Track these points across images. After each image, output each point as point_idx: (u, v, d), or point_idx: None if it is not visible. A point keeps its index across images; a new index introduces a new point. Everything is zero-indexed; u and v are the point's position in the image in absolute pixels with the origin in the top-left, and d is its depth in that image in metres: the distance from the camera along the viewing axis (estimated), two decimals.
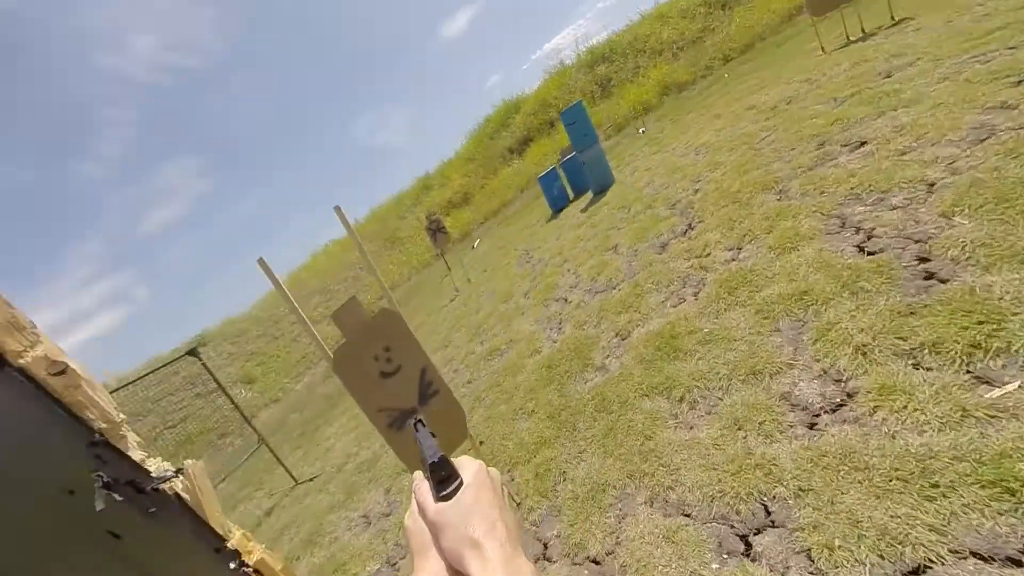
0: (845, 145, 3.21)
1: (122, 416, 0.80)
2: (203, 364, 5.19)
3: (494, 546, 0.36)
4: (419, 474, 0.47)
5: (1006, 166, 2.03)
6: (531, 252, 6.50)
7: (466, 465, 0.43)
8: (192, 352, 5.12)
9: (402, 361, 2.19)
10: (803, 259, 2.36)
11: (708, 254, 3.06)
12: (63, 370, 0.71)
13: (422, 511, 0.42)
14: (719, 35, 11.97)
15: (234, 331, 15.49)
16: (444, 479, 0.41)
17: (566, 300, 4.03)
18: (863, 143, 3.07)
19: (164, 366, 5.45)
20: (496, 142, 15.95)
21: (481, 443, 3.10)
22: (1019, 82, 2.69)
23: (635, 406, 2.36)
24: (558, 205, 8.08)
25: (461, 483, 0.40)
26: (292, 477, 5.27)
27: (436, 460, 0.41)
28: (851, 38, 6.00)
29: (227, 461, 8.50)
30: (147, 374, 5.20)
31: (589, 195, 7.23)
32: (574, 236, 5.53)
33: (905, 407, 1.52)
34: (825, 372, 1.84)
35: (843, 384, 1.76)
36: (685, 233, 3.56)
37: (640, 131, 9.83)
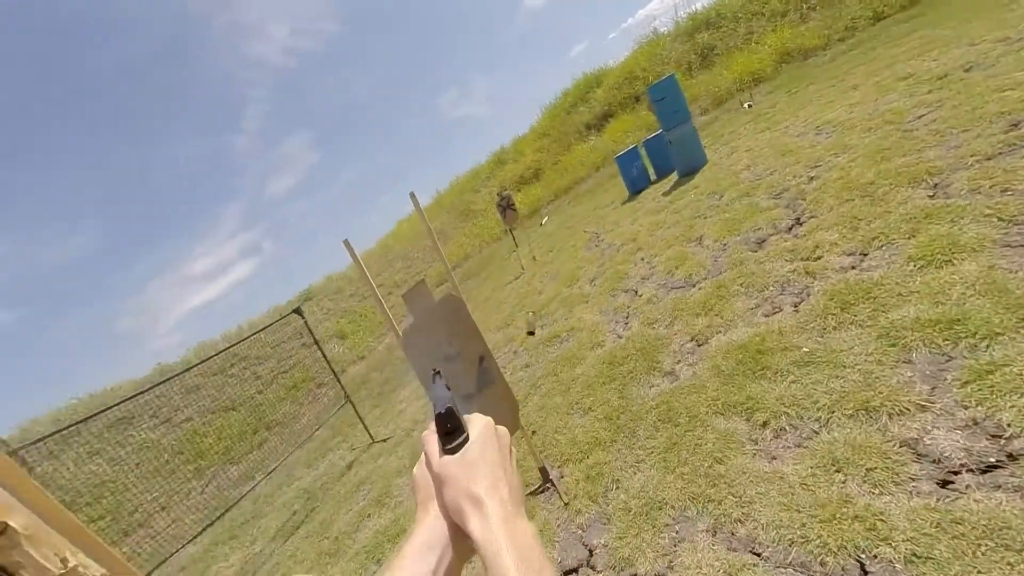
0: None
1: (73, 563, 0.67)
2: (304, 322, 5.82)
3: (495, 504, 0.36)
4: (432, 425, 0.46)
5: None
6: (601, 235, 6.12)
7: (474, 421, 0.43)
8: (297, 311, 5.76)
9: (462, 348, 2.20)
10: (960, 277, 1.82)
11: (819, 257, 2.54)
12: (2, 530, 0.61)
13: (428, 462, 0.42)
14: None
15: (333, 288, 17.25)
16: (450, 431, 0.41)
17: (636, 292, 3.70)
18: None
19: (275, 323, 6.24)
20: (573, 117, 15.20)
21: (533, 433, 3.03)
22: None
23: (706, 423, 2.08)
24: (637, 187, 7.46)
25: (467, 438, 0.40)
26: (369, 435, 5.75)
27: (443, 411, 0.41)
28: None
29: (323, 410, 9.61)
30: (260, 330, 6.05)
31: (674, 177, 6.53)
32: (651, 222, 5.05)
33: None
34: (976, 423, 1.42)
35: (1002, 441, 1.34)
36: (791, 229, 3.00)
37: (746, 106, 8.61)
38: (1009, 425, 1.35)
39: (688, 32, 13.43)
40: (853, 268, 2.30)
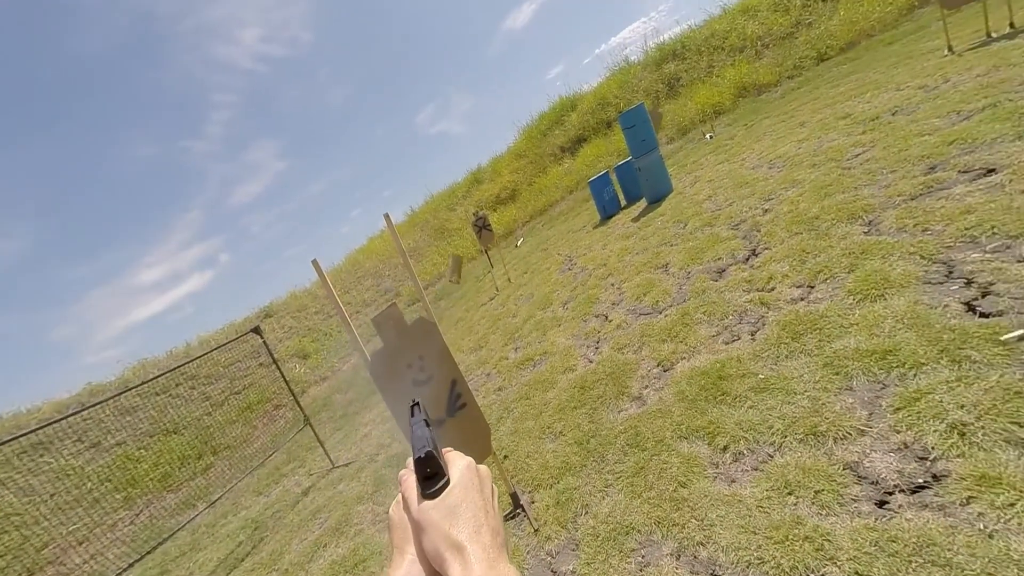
0: (965, 172, 2.70)
1: None
2: (263, 341, 5.57)
3: (477, 550, 0.35)
4: (410, 462, 0.44)
5: None
6: (574, 259, 6.28)
7: (455, 461, 0.42)
8: (256, 330, 5.51)
9: (434, 372, 2.19)
10: (891, 311, 2.02)
11: (772, 288, 2.73)
12: None
13: (406, 506, 0.41)
14: (816, 30, 10.61)
15: (296, 305, 16.64)
16: (431, 476, 0.40)
17: (606, 318, 3.82)
18: (990, 171, 2.57)
19: (231, 341, 5.94)
20: (548, 139, 15.54)
21: (505, 457, 3.03)
22: None
23: (671, 447, 2.17)
24: (608, 211, 7.71)
25: (448, 481, 0.39)
26: (330, 460, 5.53)
27: (423, 456, 0.39)
28: (993, 34, 5.06)
29: (279, 433, 9.14)
30: (214, 349, 5.70)
31: (643, 203, 6.81)
32: (621, 247, 5.25)
33: (1012, 505, 1.25)
34: (906, 446, 1.57)
35: (928, 464, 1.48)
36: (747, 260, 3.22)
37: (707, 137, 9.12)
38: (933, 448, 1.49)
39: (656, 62, 14.05)
40: (802, 300, 2.50)
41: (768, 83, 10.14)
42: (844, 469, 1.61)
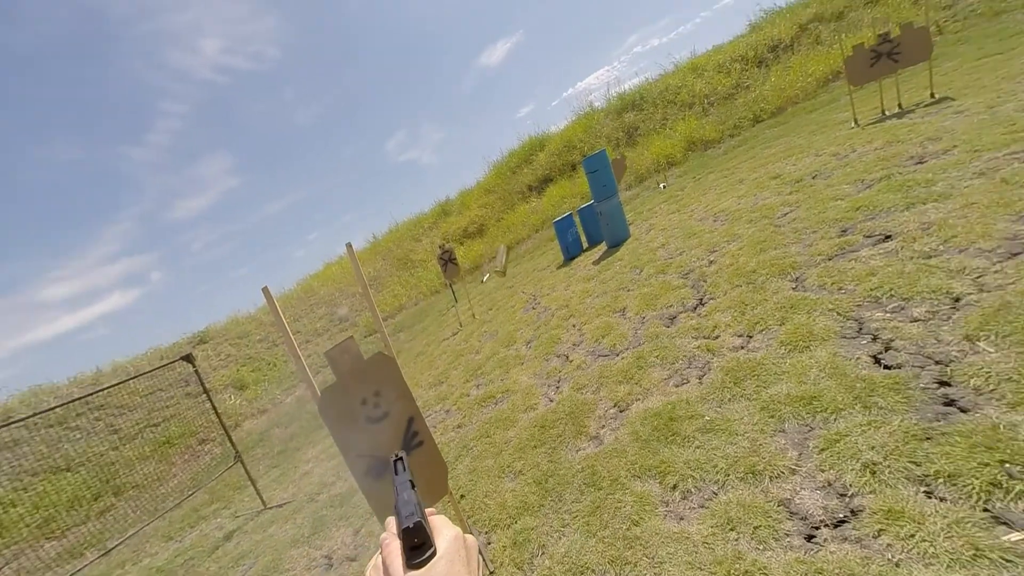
0: (869, 236, 3.13)
1: None
2: (195, 369, 5.14)
3: None
4: (391, 525, 0.43)
5: None
6: (538, 298, 6.46)
7: (442, 530, 0.41)
8: (187, 358, 5.09)
9: (390, 408, 2.14)
10: (815, 361, 2.29)
11: (717, 336, 2.99)
12: None
13: (386, 572, 0.40)
14: (752, 94, 11.56)
15: (237, 331, 15.54)
16: (417, 545, 0.39)
17: (567, 358, 3.95)
18: (888, 237, 3.00)
19: (156, 368, 5.42)
20: (517, 177, 15.97)
21: (462, 497, 2.96)
22: None
23: (625, 486, 2.25)
24: (571, 253, 8.00)
25: (434, 552, 0.39)
26: (261, 500, 5.08)
27: (411, 526, 0.39)
28: (887, 112, 5.93)
29: (202, 471, 8.26)
30: (135, 376, 5.11)
31: (603, 247, 7.17)
32: (582, 290, 5.50)
33: (913, 536, 1.43)
34: (829, 484, 1.74)
35: (847, 500, 1.66)
36: (696, 309, 3.52)
37: (661, 186, 9.74)
38: (851, 485, 1.68)
39: (617, 110, 14.81)
40: (742, 348, 2.75)
41: (713, 139, 10.96)
42: (778, 505, 1.76)
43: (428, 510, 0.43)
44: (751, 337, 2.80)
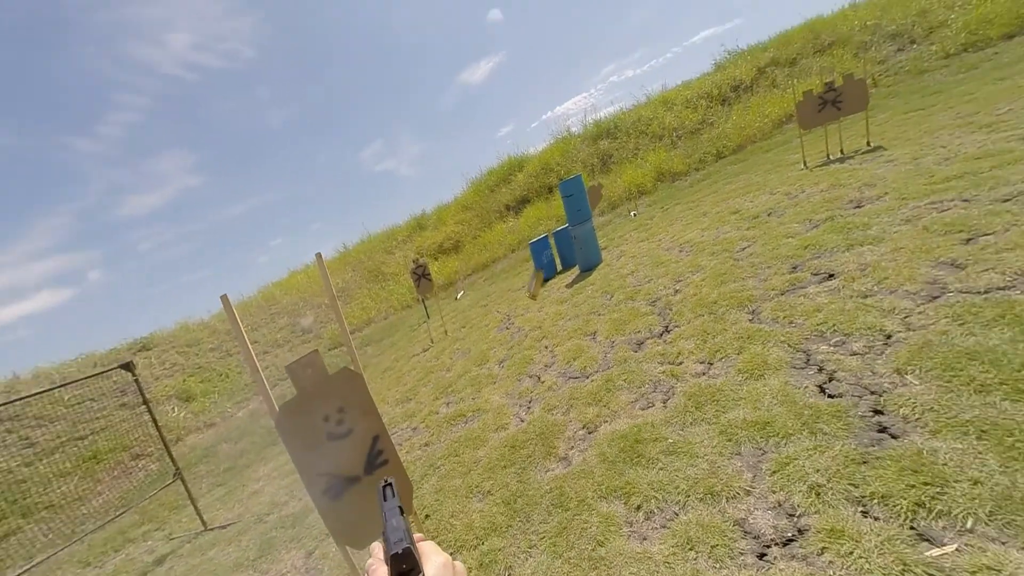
0: (815, 274, 3.39)
1: None
2: (135, 379, 4.78)
3: None
4: (376, 550, 0.44)
5: (953, 332, 2.23)
6: (512, 318, 6.52)
7: (431, 556, 0.41)
8: (126, 365, 4.73)
9: (355, 425, 2.08)
10: (768, 389, 2.47)
11: (681, 363, 3.16)
12: None
13: None
14: (716, 130, 12.06)
15: (187, 339, 14.58)
16: (405, 572, 0.39)
17: (539, 379, 4.01)
18: (831, 275, 3.27)
19: (89, 377, 5.01)
20: (495, 196, 16.08)
21: (427, 517, 2.91)
22: (968, 240, 2.92)
23: (592, 507, 2.30)
24: (546, 275, 8.06)
25: None
26: (202, 521, 4.74)
27: (400, 552, 0.39)
28: (831, 157, 6.48)
29: (135, 489, 7.58)
30: (62, 385, 4.60)
31: (576, 270, 7.34)
32: (555, 312, 5.63)
33: (851, 553, 1.56)
34: (780, 505, 1.87)
35: (795, 520, 1.78)
36: (662, 335, 3.69)
37: (632, 214, 10.06)
38: (798, 506, 1.81)
39: (593, 137, 15.21)
40: (704, 374, 2.92)
41: (681, 171, 11.41)
42: (734, 525, 1.87)
43: (416, 535, 0.43)
44: (712, 364, 2.98)
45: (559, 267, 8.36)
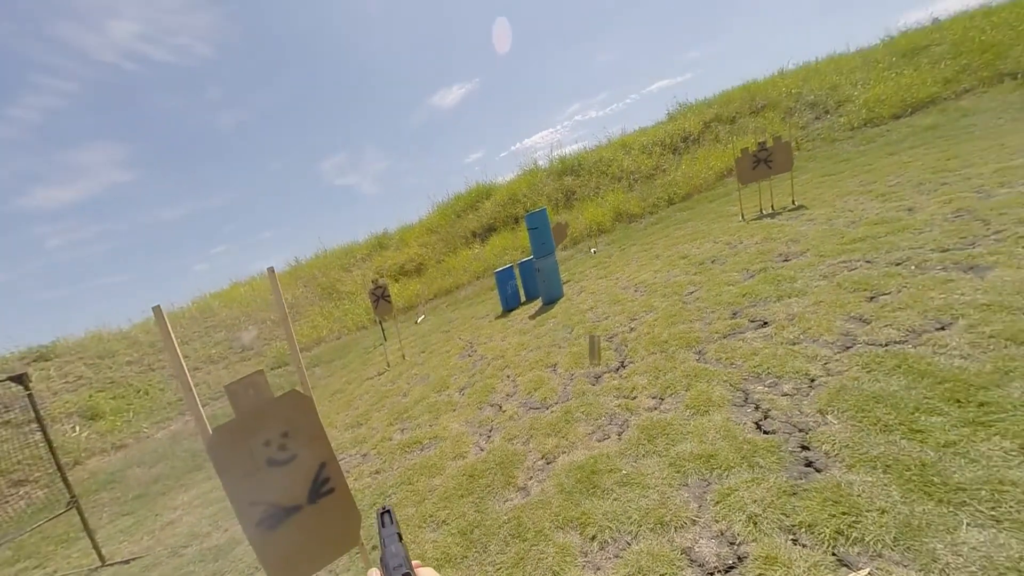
0: (752, 321, 3.75)
1: None
2: (28, 394, 4.19)
3: None
4: (375, 572, 0.46)
5: (863, 378, 2.58)
6: (475, 346, 6.53)
7: None
8: (18, 378, 4.14)
9: (300, 451, 1.94)
10: (713, 424, 2.68)
11: (635, 397, 3.34)
12: None
13: None
14: (668, 177, 12.79)
15: (99, 349, 13.03)
16: None
17: (500, 408, 4.04)
18: (765, 323, 3.63)
19: None
20: (462, 221, 16.16)
21: (374, 547, 2.78)
22: (872, 298, 3.32)
23: (549, 537, 2.33)
24: (510, 305, 8.17)
25: None
26: (99, 555, 4.17)
27: None
28: (764, 212, 7.21)
29: (9, 521, 6.49)
30: None
31: (539, 303, 7.50)
32: (518, 342, 5.72)
33: None
34: (722, 533, 2.02)
35: (736, 547, 1.93)
36: (618, 370, 3.89)
37: (592, 251, 10.45)
38: (739, 534, 1.97)
39: (558, 172, 15.78)
40: (655, 409, 3.11)
41: (637, 214, 12.07)
42: (681, 554, 1.99)
43: (414, 562, 0.44)
44: (663, 399, 3.19)
45: (523, 298, 8.50)
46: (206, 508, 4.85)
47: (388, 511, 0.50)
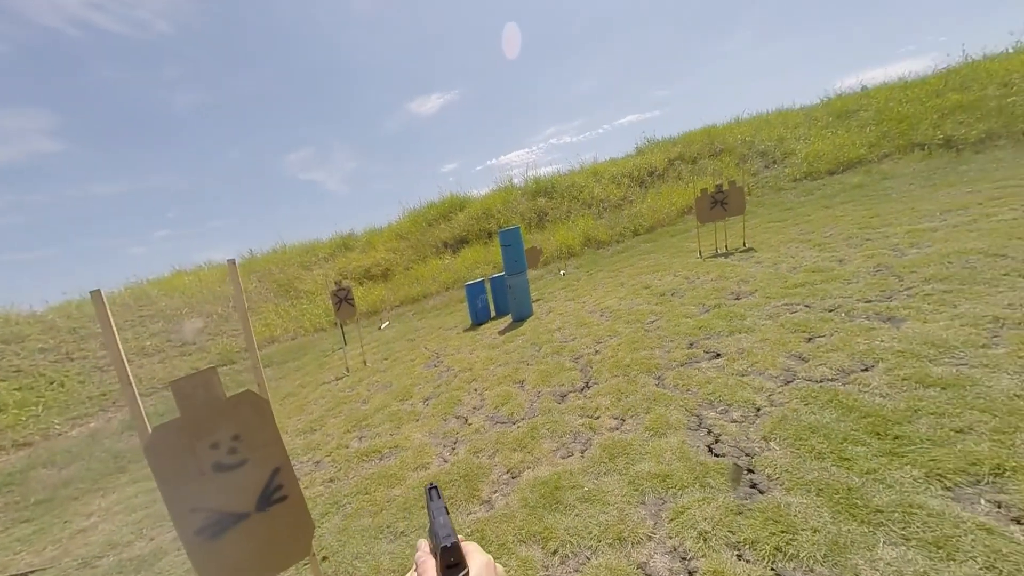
0: (706, 352, 4.02)
1: None
2: None
3: None
4: (423, 545, 0.48)
5: (801, 410, 2.86)
6: (442, 357, 6.48)
7: (474, 555, 0.44)
8: None
9: (251, 455, 1.88)
10: (669, 446, 2.86)
11: (598, 417, 3.48)
12: None
13: None
14: (634, 208, 13.31)
15: (4, 333, 11.63)
16: (452, 565, 0.42)
17: (466, 420, 4.04)
18: (718, 355, 3.91)
19: None
20: (434, 231, 16.02)
21: (324, 559, 2.69)
22: (809, 339, 3.64)
23: (512, 551, 2.37)
24: (479, 318, 8.17)
25: (467, 574, 0.42)
26: None
27: (448, 545, 0.42)
28: (719, 251, 7.73)
29: None
30: None
31: (509, 319, 7.56)
32: (487, 356, 5.76)
33: None
34: (675, 549, 2.15)
35: (687, 562, 2.06)
36: (583, 390, 4.03)
37: (561, 273, 10.70)
38: (690, 550, 2.11)
39: (532, 193, 16.05)
40: (617, 429, 3.26)
41: (604, 241, 12.48)
42: (637, 568, 2.09)
43: (459, 536, 0.46)
44: (624, 420, 3.34)
45: (493, 313, 8.53)
46: (128, 515, 4.43)
47: (435, 487, 0.53)
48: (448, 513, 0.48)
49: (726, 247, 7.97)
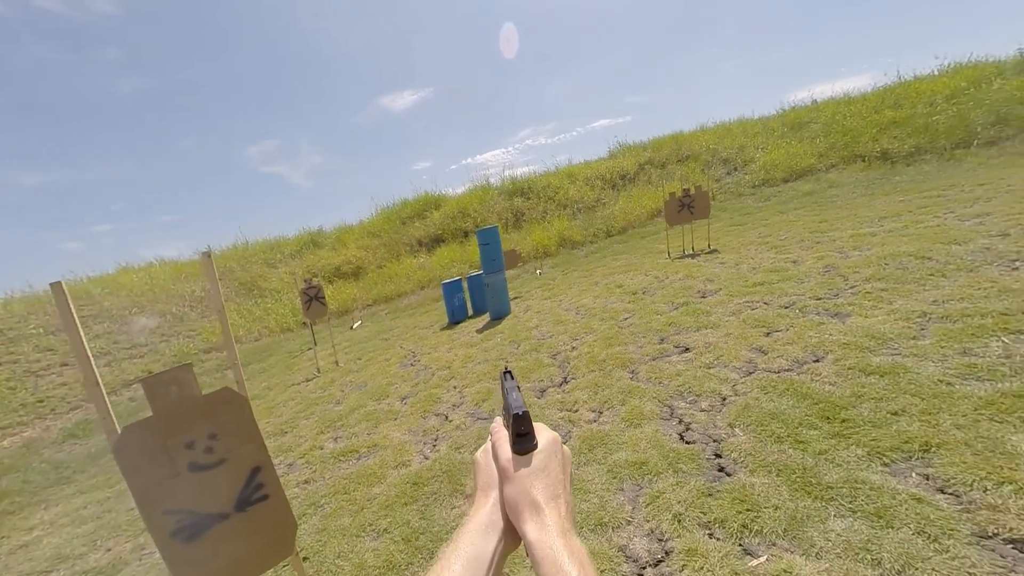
0: (676, 347, 4.25)
1: None
2: None
3: (554, 514, 0.37)
4: (499, 420, 0.50)
5: (761, 399, 3.09)
6: (418, 356, 6.43)
7: (543, 431, 0.45)
8: None
9: (230, 454, 1.84)
10: (644, 435, 3.02)
11: (576, 410, 3.61)
12: None
13: (496, 453, 0.44)
14: (607, 210, 13.74)
15: None
16: (523, 434, 0.42)
17: (447, 418, 4.06)
18: (687, 349, 4.14)
19: None
20: (408, 229, 15.86)
21: (305, 559, 2.65)
22: (768, 334, 3.90)
23: None
24: (456, 317, 8.16)
25: (536, 445, 0.43)
26: None
27: (520, 413, 0.42)
28: (686, 252, 8.11)
29: None
30: None
31: (487, 317, 7.59)
32: (465, 354, 5.78)
33: (702, 568, 2.00)
34: (652, 531, 2.29)
35: (663, 543, 2.20)
36: (561, 385, 4.15)
37: (538, 272, 10.90)
38: (666, 532, 2.25)
39: (509, 192, 16.18)
40: (595, 421, 3.39)
41: (579, 241, 12.85)
42: (618, 551, 2.22)
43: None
44: (601, 413, 3.49)
45: (470, 312, 8.54)
46: (78, 527, 4.14)
47: (508, 371, 0.55)
48: (520, 391, 0.49)
49: (693, 248, 8.37)
